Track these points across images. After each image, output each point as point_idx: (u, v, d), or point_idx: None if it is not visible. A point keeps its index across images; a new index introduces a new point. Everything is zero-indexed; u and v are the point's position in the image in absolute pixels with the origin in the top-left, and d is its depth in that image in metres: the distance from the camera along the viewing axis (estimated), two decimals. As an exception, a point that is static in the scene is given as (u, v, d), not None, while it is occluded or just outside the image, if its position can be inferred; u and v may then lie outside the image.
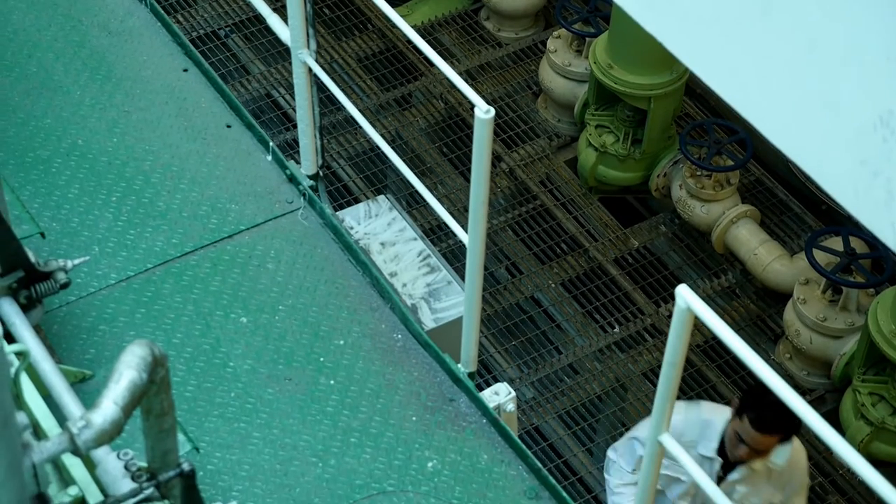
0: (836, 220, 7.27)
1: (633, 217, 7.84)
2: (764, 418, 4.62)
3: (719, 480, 4.87)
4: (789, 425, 4.68)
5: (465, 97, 4.86)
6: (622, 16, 6.72)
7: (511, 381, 6.57)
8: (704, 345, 6.92)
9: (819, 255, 6.56)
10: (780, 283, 6.96)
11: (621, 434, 6.63)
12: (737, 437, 4.69)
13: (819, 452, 6.57)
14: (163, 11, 5.64)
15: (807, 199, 7.53)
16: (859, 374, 6.34)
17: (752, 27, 2.90)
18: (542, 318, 7.16)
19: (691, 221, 7.27)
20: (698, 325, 3.22)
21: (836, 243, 6.67)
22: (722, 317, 3.06)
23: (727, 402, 5.17)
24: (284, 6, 4.57)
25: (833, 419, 6.51)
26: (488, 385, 4.45)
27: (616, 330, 7.03)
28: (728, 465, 4.86)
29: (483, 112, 3.64)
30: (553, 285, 7.19)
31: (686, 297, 2.98)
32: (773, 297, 7.09)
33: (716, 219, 7.14)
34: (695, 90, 7.84)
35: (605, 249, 7.34)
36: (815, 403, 6.69)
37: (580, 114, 7.66)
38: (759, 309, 7.13)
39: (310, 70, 4.60)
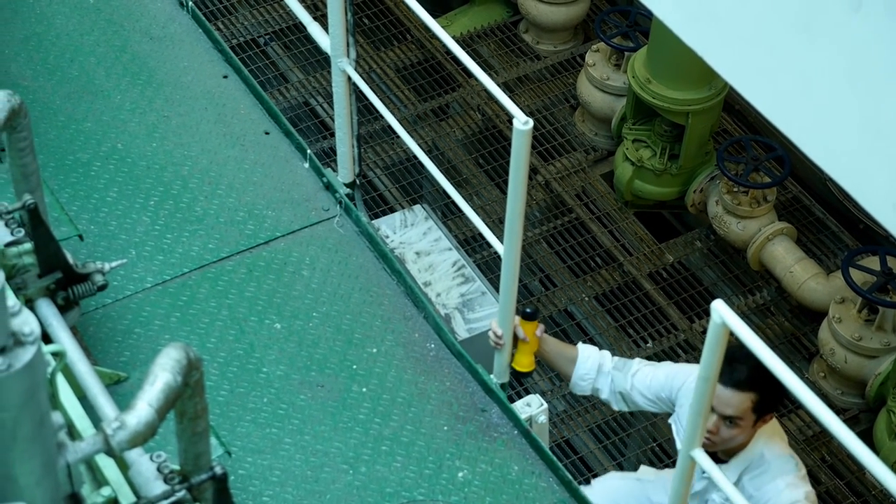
0: (874, 239, 7.23)
1: (668, 232, 7.83)
2: (731, 369, 4.27)
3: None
4: (763, 386, 4.28)
5: (502, 108, 4.88)
6: (662, 30, 6.71)
7: (543, 394, 6.57)
8: (738, 362, 6.88)
9: (855, 274, 6.53)
10: (815, 302, 6.92)
11: (652, 449, 6.61)
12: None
13: (852, 472, 6.53)
14: (204, 18, 5.68)
15: (844, 217, 7.49)
16: (894, 395, 6.30)
17: (793, 43, 2.90)
18: (575, 331, 7.15)
19: (727, 237, 7.25)
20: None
21: (873, 262, 6.63)
22: (757, 334, 3.05)
23: None
24: (325, 15, 4.59)
25: (867, 439, 6.47)
26: (520, 397, 4.45)
27: (649, 345, 7.01)
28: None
29: (521, 123, 3.64)
30: (587, 299, 7.18)
31: (721, 312, 2.97)
32: (808, 315, 7.06)
33: (752, 235, 7.11)
34: (733, 106, 7.82)
35: (639, 264, 7.33)
36: (849, 423, 6.65)
37: (617, 128, 7.65)
38: (794, 327, 7.10)
39: (349, 78, 4.62)
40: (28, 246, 3.67)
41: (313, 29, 4.87)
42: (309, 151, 5.02)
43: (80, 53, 5.44)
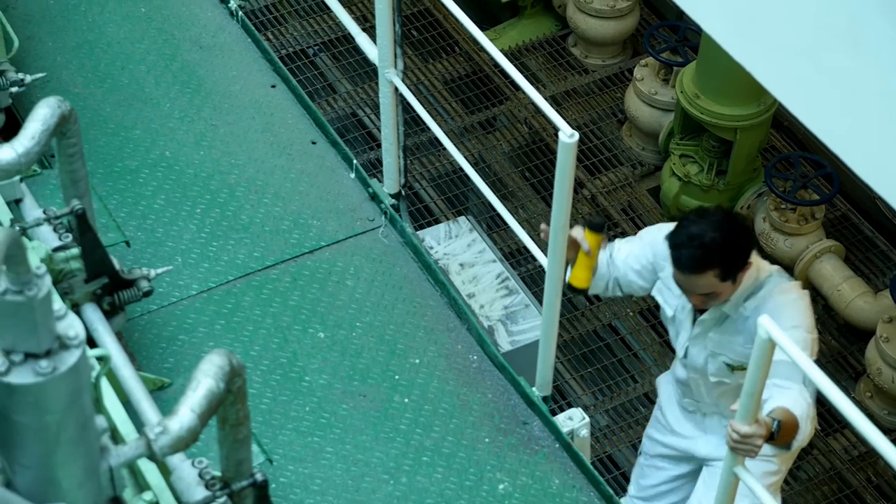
0: (923, 258, 7.16)
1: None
2: (679, 256, 4.04)
3: (694, 319, 4.41)
4: (719, 257, 4.02)
5: (549, 122, 4.87)
6: (711, 45, 6.68)
7: (586, 409, 6.54)
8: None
9: (904, 294, 6.47)
10: (862, 321, 6.86)
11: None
12: (678, 285, 4.19)
13: (897, 493, 6.47)
14: (254, 28, 5.72)
15: (893, 235, 7.42)
16: (941, 416, 6.24)
17: (841, 59, 2.88)
18: (619, 346, 7.12)
19: (774, 255, 7.19)
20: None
21: (922, 282, 6.56)
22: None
23: None
24: (374, 27, 4.61)
25: (913, 460, 6.38)
26: (563, 411, 4.44)
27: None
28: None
29: (567, 136, 3.64)
30: (631, 314, 7.15)
31: (768, 327, 2.95)
32: (856, 334, 6.99)
33: (799, 253, 7.06)
34: (782, 122, 7.77)
35: (685, 280, 7.29)
36: None
37: (665, 143, 7.62)
38: (841, 346, 7.04)
39: (396, 89, 4.64)
40: (75, 251, 3.70)
41: (361, 40, 4.89)
42: (355, 161, 5.04)
43: (130, 61, 5.49)
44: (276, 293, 4.65)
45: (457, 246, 5.18)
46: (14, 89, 4.56)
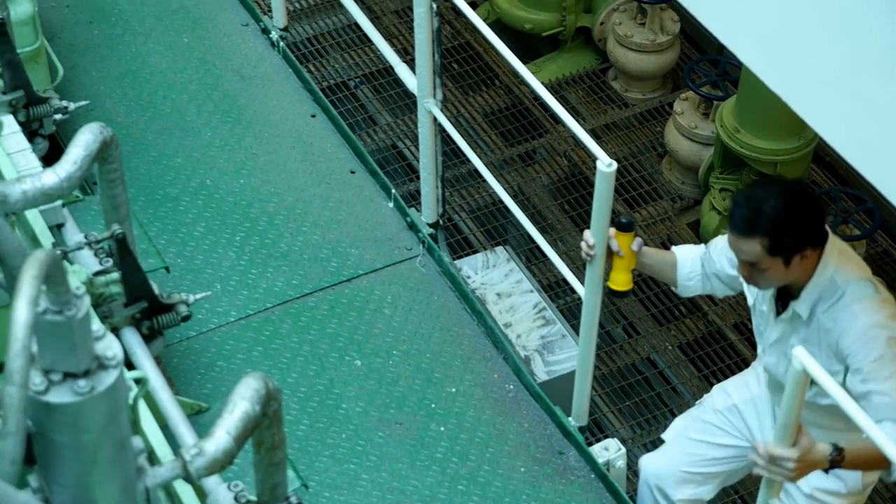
0: (965, 294, 7.10)
1: (754, 283, 7.74)
2: (733, 214, 3.85)
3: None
4: (770, 226, 3.77)
5: (589, 155, 4.89)
6: (751, 79, 6.68)
7: (623, 442, 6.51)
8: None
9: (945, 330, 6.41)
10: (903, 357, 6.80)
11: (733, 501, 6.52)
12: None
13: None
14: (295, 59, 5.76)
15: (935, 272, 7.37)
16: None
17: (882, 92, 2.88)
18: (657, 379, 7.09)
19: (814, 290, 7.15)
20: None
21: (964, 318, 6.50)
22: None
23: None
24: (414, 59, 4.64)
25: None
26: (599, 441, 4.42)
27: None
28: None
29: (605, 165, 3.65)
30: (670, 347, 7.12)
31: (802, 359, 2.94)
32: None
33: (839, 288, 7.02)
34: (823, 158, 7.75)
35: (724, 314, 7.25)
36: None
37: (704, 177, 7.61)
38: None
39: (434, 119, 4.66)
40: (115, 275, 3.73)
41: (401, 70, 4.92)
42: (394, 191, 5.06)
43: (172, 91, 5.55)
44: (314, 321, 4.67)
45: (494, 276, 5.19)
46: (58, 117, 4.61)
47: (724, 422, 4.48)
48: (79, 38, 5.79)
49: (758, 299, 4.18)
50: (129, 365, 3.66)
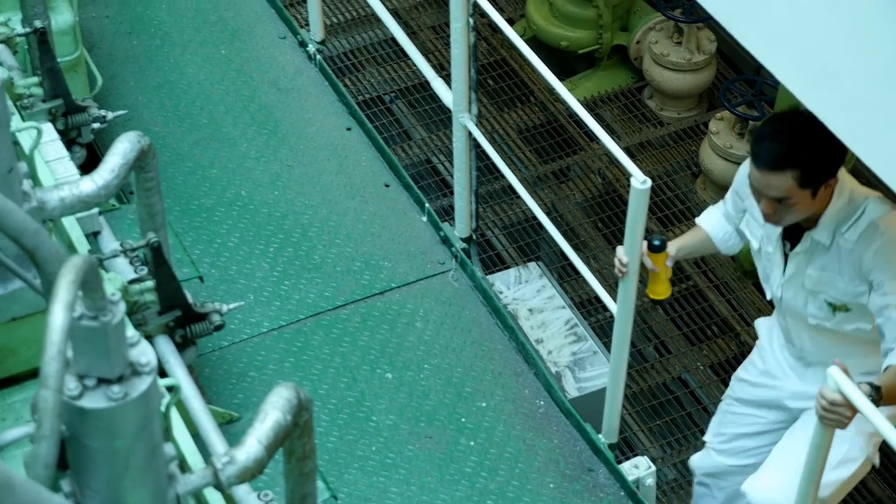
0: None
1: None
2: (759, 150, 3.76)
3: (786, 258, 4.08)
4: (802, 156, 3.70)
5: (623, 173, 4.89)
6: (788, 99, 6.66)
7: (654, 461, 6.49)
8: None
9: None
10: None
11: None
12: (752, 188, 3.86)
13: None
14: (331, 72, 5.79)
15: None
16: None
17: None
18: (688, 399, 7.06)
19: (847, 312, 7.12)
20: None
21: None
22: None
23: None
24: (450, 75, 4.66)
25: None
26: (628, 459, 4.41)
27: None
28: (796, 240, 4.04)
29: (639, 182, 3.65)
30: (702, 367, 7.09)
31: (836, 377, 2.93)
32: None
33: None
34: (859, 178, 7.71)
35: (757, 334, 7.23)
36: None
37: (739, 196, 7.59)
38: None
39: (469, 134, 4.67)
40: (150, 283, 3.76)
41: (437, 84, 4.94)
42: (427, 205, 5.08)
43: (209, 102, 5.58)
44: (346, 333, 4.68)
45: (526, 291, 5.19)
46: (96, 125, 4.65)
47: (750, 409, 4.50)
48: (118, 48, 5.84)
49: (763, 241, 4.12)
50: (162, 373, 3.68)
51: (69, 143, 4.35)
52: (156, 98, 5.59)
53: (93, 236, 4.06)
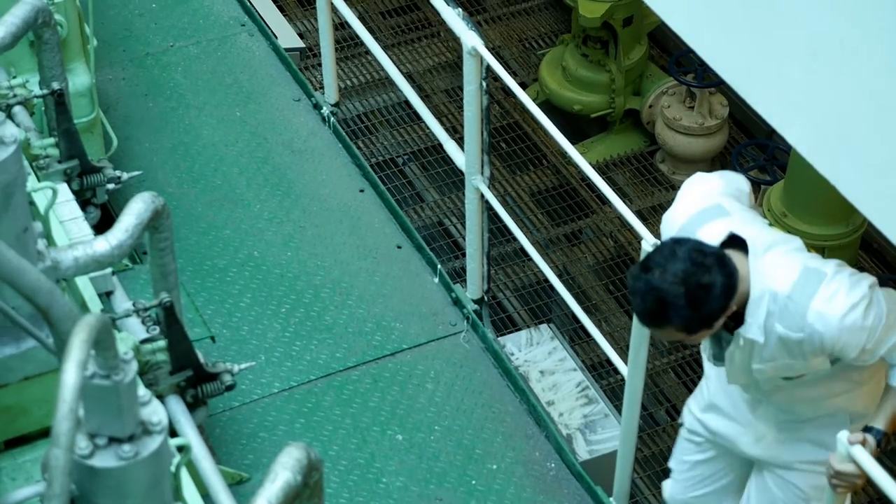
0: None
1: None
2: (634, 304, 3.50)
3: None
4: (683, 317, 3.39)
5: (635, 235, 4.90)
6: (800, 164, 6.69)
7: (664, 525, 6.45)
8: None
9: None
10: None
11: None
12: None
13: None
14: (345, 135, 5.83)
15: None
16: None
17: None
18: (700, 463, 7.02)
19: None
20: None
21: None
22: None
23: None
24: (462, 138, 4.69)
25: None
26: (639, 523, 4.40)
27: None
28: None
29: (650, 245, 3.66)
30: (713, 431, 7.06)
31: (845, 443, 2.93)
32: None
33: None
34: (871, 244, 7.71)
35: (768, 399, 7.20)
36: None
37: (751, 261, 7.59)
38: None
39: (482, 196, 4.69)
40: (162, 343, 3.77)
41: (450, 146, 4.97)
42: (439, 266, 5.09)
43: (223, 163, 5.62)
44: (357, 394, 4.68)
45: (538, 353, 5.18)
46: (111, 186, 4.68)
47: (701, 438, 4.18)
48: (134, 110, 5.89)
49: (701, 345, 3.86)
50: (173, 432, 3.67)
51: (84, 204, 4.38)
52: (170, 159, 5.63)
53: (105, 296, 4.08)
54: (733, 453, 4.10)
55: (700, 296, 3.36)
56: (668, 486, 4.45)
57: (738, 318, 3.56)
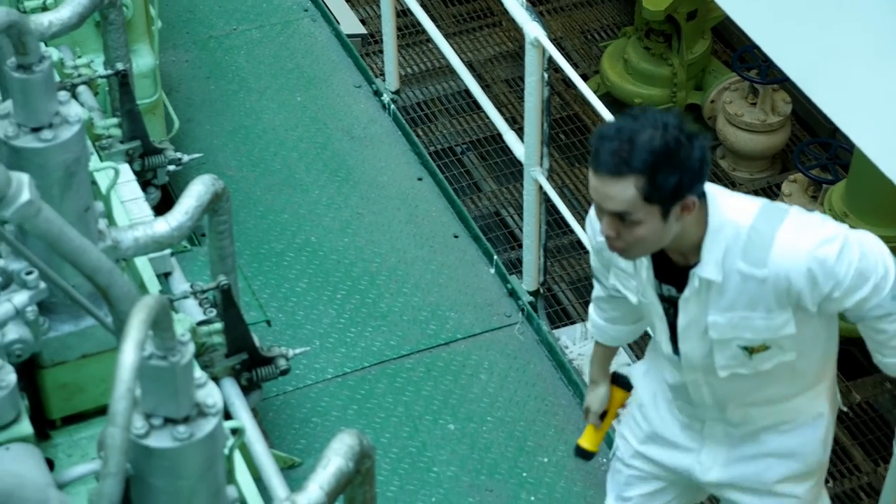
0: None
1: (856, 370, 7.60)
2: (599, 149, 2.97)
3: (672, 305, 3.25)
4: (648, 161, 2.90)
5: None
6: (863, 164, 6.61)
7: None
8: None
9: None
10: None
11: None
12: (595, 205, 3.10)
13: None
14: (405, 122, 5.83)
15: None
16: None
17: None
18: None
19: (918, 379, 7.01)
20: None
21: None
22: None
23: None
24: (522, 128, 4.68)
25: None
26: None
27: (829, 484, 6.79)
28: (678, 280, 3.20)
29: (710, 241, 3.61)
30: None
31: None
32: None
33: (944, 380, 6.87)
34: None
35: (824, 400, 7.13)
36: None
37: (810, 259, 7.52)
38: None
39: (540, 188, 4.68)
40: (218, 326, 3.78)
41: (509, 137, 4.95)
42: (495, 257, 5.08)
43: (283, 148, 5.64)
44: (410, 382, 4.69)
45: (592, 347, 5.16)
46: (171, 168, 4.71)
47: (644, 473, 3.69)
48: (196, 92, 5.92)
49: (638, 292, 3.34)
50: (227, 415, 3.69)
51: (145, 185, 4.41)
52: (231, 142, 5.66)
53: (164, 277, 4.10)
54: (684, 480, 3.66)
55: (679, 140, 2.94)
56: None
57: (691, 263, 3.14)
